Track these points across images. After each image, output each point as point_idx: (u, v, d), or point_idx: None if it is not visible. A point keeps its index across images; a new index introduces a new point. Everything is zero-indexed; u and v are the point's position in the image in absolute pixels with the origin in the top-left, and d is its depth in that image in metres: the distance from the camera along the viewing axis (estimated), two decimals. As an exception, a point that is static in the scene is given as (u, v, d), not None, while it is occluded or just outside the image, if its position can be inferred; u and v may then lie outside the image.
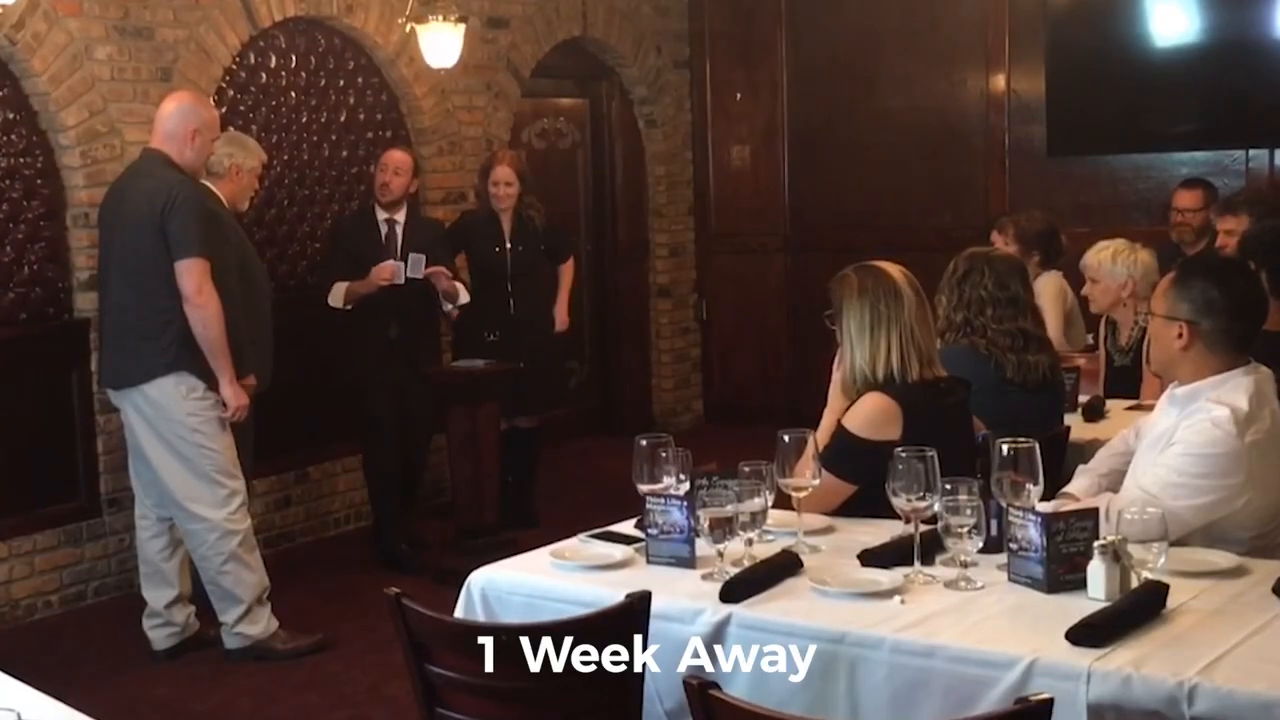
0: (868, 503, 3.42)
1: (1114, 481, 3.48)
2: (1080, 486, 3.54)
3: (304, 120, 7.04)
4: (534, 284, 6.95)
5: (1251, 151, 7.69)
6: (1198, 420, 3.22)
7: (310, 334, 6.53)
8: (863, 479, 3.45)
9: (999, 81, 8.50)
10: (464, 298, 6.59)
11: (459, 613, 3.18)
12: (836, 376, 3.68)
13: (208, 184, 5.45)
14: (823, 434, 3.55)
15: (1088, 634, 2.56)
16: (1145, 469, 3.29)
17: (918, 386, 3.53)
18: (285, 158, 6.84)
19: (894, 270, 3.63)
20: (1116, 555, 2.80)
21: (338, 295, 6.39)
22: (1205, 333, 3.27)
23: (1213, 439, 3.17)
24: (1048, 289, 6.04)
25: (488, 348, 6.68)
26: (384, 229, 6.50)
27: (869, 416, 3.49)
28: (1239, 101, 7.54)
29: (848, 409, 3.56)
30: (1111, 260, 5.31)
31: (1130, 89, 7.81)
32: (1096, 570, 2.80)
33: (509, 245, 6.83)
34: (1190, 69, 7.69)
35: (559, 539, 3.42)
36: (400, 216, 6.54)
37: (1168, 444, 3.26)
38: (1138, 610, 2.68)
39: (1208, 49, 7.65)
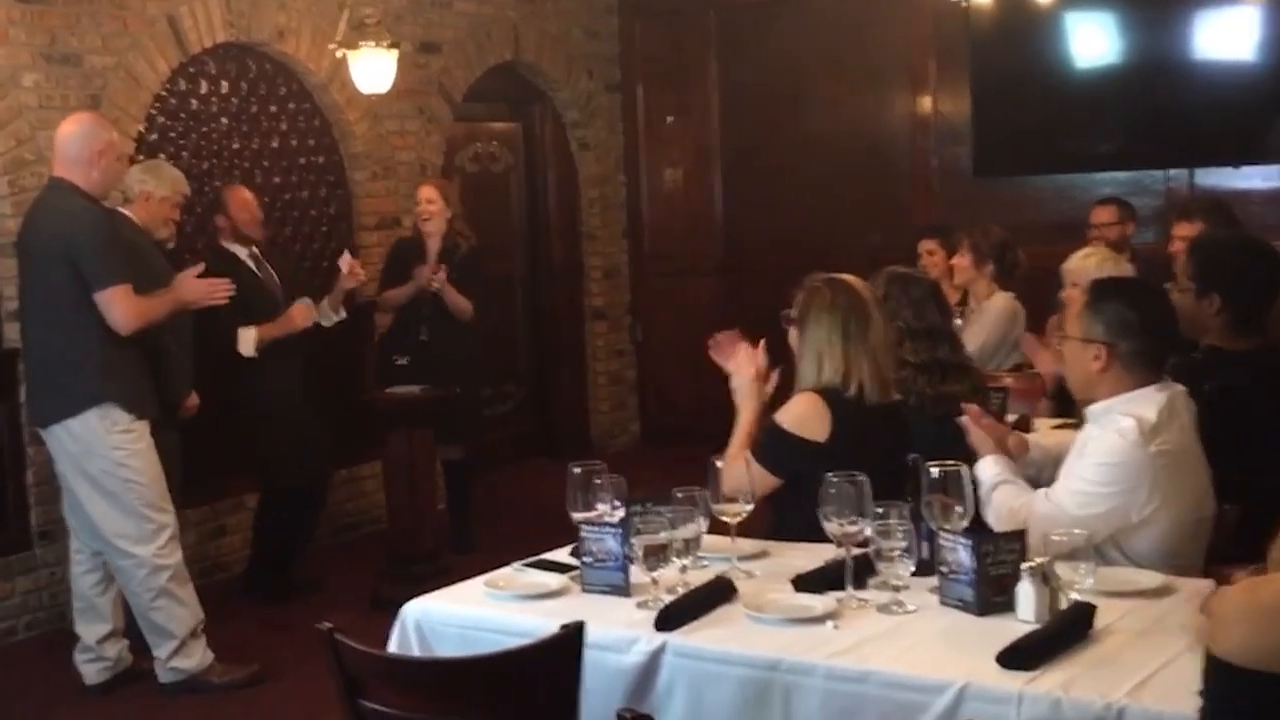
0: (789, 499, 3.52)
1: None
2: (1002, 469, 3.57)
3: (235, 147, 7.00)
4: (453, 316, 6.90)
5: (1171, 171, 7.83)
6: (1105, 431, 3.27)
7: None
8: (784, 472, 3.56)
9: (925, 104, 8.61)
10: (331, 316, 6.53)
11: (393, 645, 3.17)
12: (745, 386, 3.75)
13: (124, 210, 5.39)
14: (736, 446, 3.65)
15: (1018, 657, 2.60)
16: (1059, 479, 3.35)
17: (860, 403, 3.60)
18: (217, 184, 6.79)
19: (864, 289, 3.71)
20: (1045, 577, 2.84)
21: (248, 342, 6.12)
22: (1122, 353, 3.32)
23: (1116, 448, 3.23)
24: (994, 305, 6.10)
25: (396, 371, 6.70)
26: (251, 264, 6.30)
27: (800, 414, 3.61)
28: (1159, 122, 7.69)
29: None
30: (1096, 267, 5.33)
31: (1053, 110, 7.96)
32: (1025, 592, 2.84)
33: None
34: (1112, 90, 7.84)
35: (497, 565, 3.42)
36: (252, 248, 6.35)
37: (1080, 455, 3.32)
38: (1066, 632, 2.72)
39: (1129, 71, 7.79)
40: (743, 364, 3.79)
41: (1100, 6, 7.94)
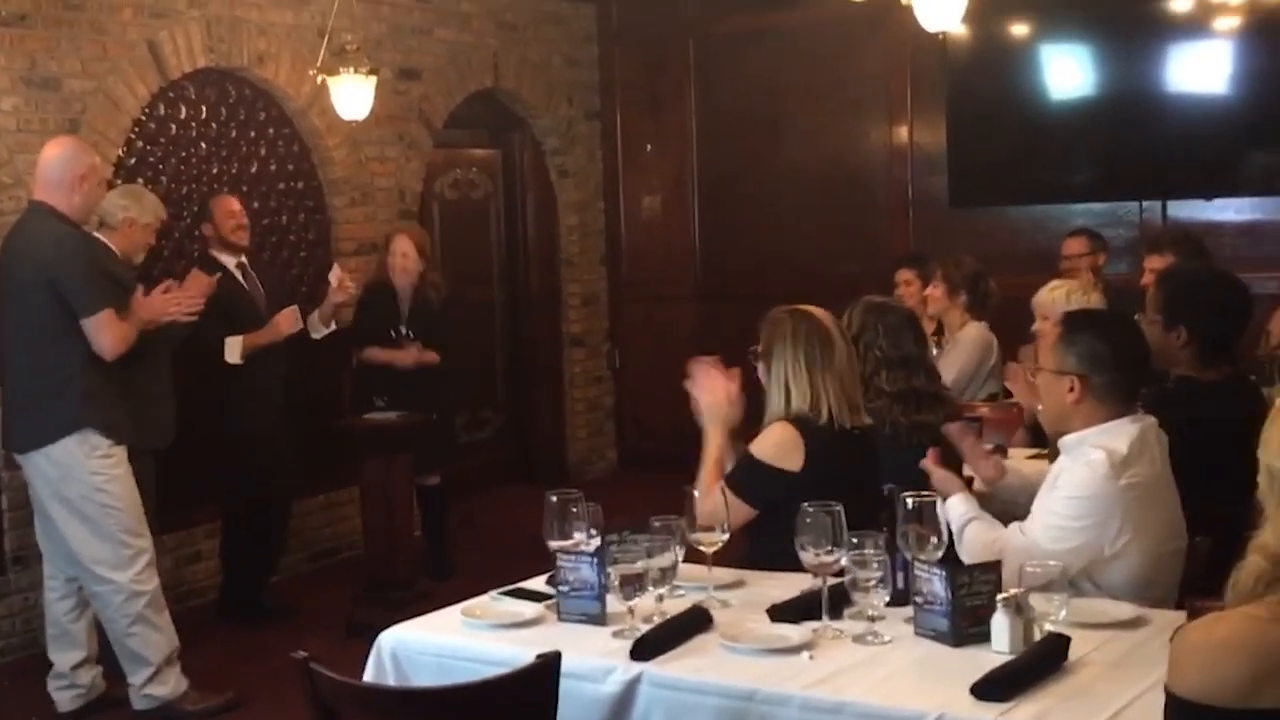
0: (765, 528, 3.54)
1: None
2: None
3: (214, 171, 7.01)
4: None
5: (1145, 203, 7.90)
6: (1077, 464, 3.30)
7: (210, 388, 6.30)
8: (760, 503, 3.57)
9: (902, 133, 8.67)
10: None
11: (369, 673, 3.17)
12: (713, 409, 3.78)
13: (100, 236, 5.38)
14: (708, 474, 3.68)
15: (992, 688, 2.61)
16: (1033, 513, 3.37)
17: (831, 430, 3.62)
18: (195, 209, 6.78)
19: (826, 317, 3.74)
20: (1019, 608, 2.85)
21: (234, 349, 6.19)
22: (1095, 385, 3.35)
23: (1087, 481, 3.25)
24: (968, 335, 6.14)
25: (374, 397, 6.70)
26: (238, 274, 6.36)
27: (774, 444, 3.63)
28: (1132, 154, 7.76)
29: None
30: (1065, 299, 5.37)
31: (1029, 141, 8.02)
32: (1000, 623, 2.85)
33: (405, 331, 6.84)
34: (1086, 122, 7.91)
35: (473, 591, 3.42)
36: (240, 258, 6.40)
37: (1052, 488, 3.35)
38: (1040, 663, 2.73)
39: (1103, 103, 7.87)
40: (712, 388, 3.81)
41: (1075, 39, 8.03)
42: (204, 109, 6.98)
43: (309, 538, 7.36)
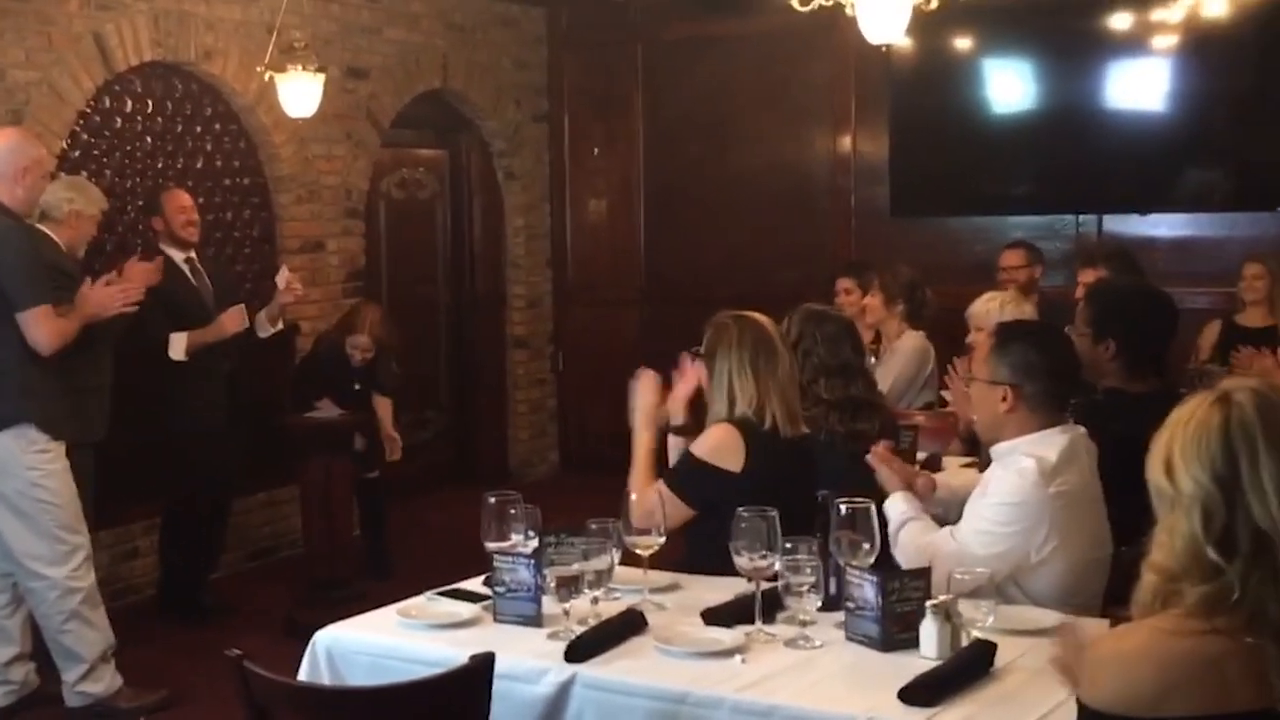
0: (703, 529, 3.58)
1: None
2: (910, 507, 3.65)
3: (160, 166, 6.98)
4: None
5: (1081, 216, 8.02)
6: (1007, 471, 3.37)
7: (154, 384, 6.27)
8: (698, 503, 3.62)
9: (845, 143, 8.75)
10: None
11: (304, 672, 3.18)
12: (646, 410, 3.83)
13: (44, 228, 5.34)
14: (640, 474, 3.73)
15: (920, 693, 2.66)
16: (964, 518, 3.44)
17: (774, 435, 3.67)
18: (140, 203, 6.75)
19: (769, 325, 3.79)
20: (948, 614, 2.91)
21: (179, 346, 6.15)
22: (1027, 395, 3.42)
23: (1017, 488, 3.32)
24: (905, 345, 6.21)
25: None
26: (186, 270, 6.34)
27: (715, 444, 3.68)
28: (1070, 168, 7.88)
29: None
30: (999, 310, 5.45)
31: (969, 154, 8.13)
32: (928, 629, 2.90)
33: (355, 386, 6.84)
34: (1026, 136, 8.03)
35: (413, 592, 3.44)
36: (189, 254, 6.38)
37: (983, 494, 3.42)
38: (967, 669, 2.78)
39: (1043, 117, 7.98)
40: (645, 390, 3.86)
41: (1017, 55, 8.14)
42: (150, 103, 6.94)
43: (249, 536, 7.33)
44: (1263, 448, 2.00)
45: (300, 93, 6.82)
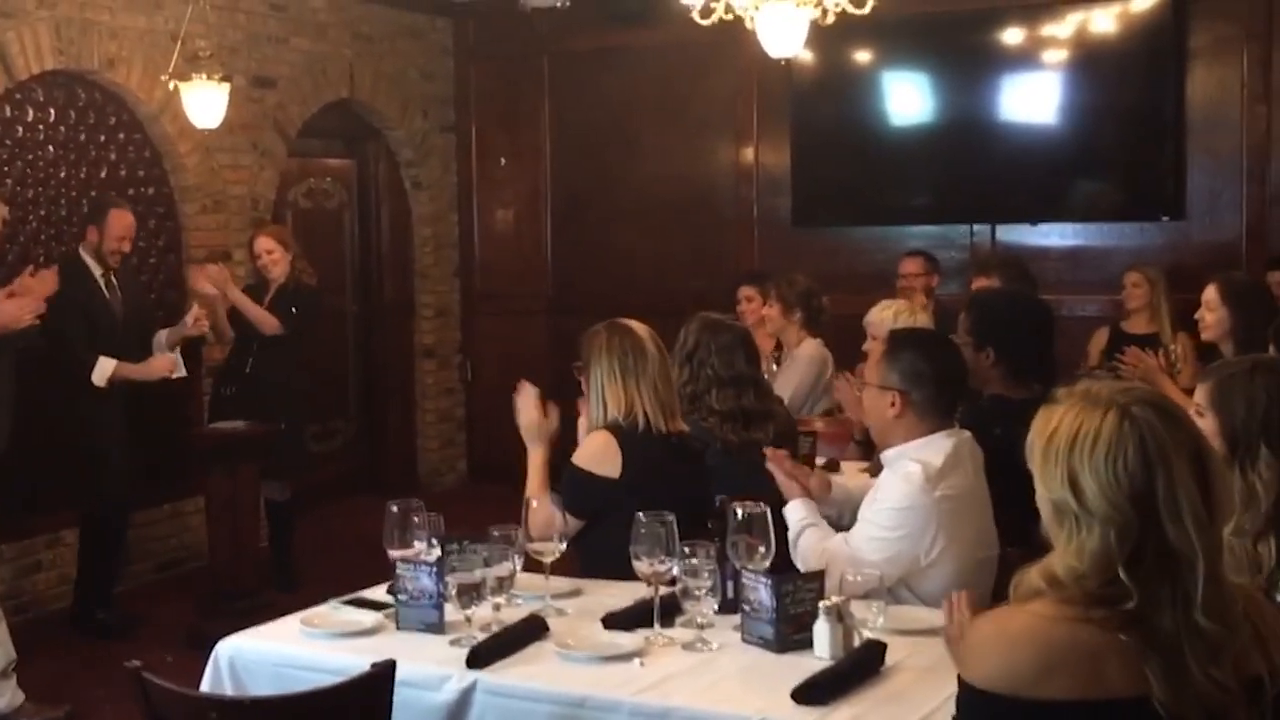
0: (593, 537, 3.68)
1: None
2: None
3: (63, 175, 6.91)
4: (280, 350, 6.87)
5: (975, 226, 8.20)
6: (895, 477, 3.48)
7: (56, 395, 6.19)
8: (583, 512, 3.70)
9: (748, 154, 8.87)
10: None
11: (206, 683, 3.19)
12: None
13: None
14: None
15: (812, 693, 2.74)
16: (857, 524, 3.54)
17: (648, 435, 3.75)
18: (42, 213, 6.70)
19: (640, 329, 3.87)
20: (840, 615, 3.00)
21: (103, 373, 6.09)
22: (915, 401, 3.53)
23: (904, 494, 3.44)
24: (803, 353, 6.32)
25: (224, 402, 6.75)
26: (102, 284, 6.29)
27: (592, 452, 3.77)
28: (965, 179, 8.08)
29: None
30: (894, 319, 5.56)
31: (868, 165, 8.30)
32: (821, 630, 2.99)
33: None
34: (923, 148, 8.21)
35: (319, 601, 3.46)
36: (107, 270, 6.33)
37: (872, 500, 3.53)
38: (858, 669, 2.88)
39: (939, 130, 8.16)
40: (527, 406, 3.92)
41: (914, 68, 8.32)
42: (53, 111, 6.87)
43: (154, 548, 7.27)
44: (1176, 466, 1.99)
45: (205, 102, 6.79)
